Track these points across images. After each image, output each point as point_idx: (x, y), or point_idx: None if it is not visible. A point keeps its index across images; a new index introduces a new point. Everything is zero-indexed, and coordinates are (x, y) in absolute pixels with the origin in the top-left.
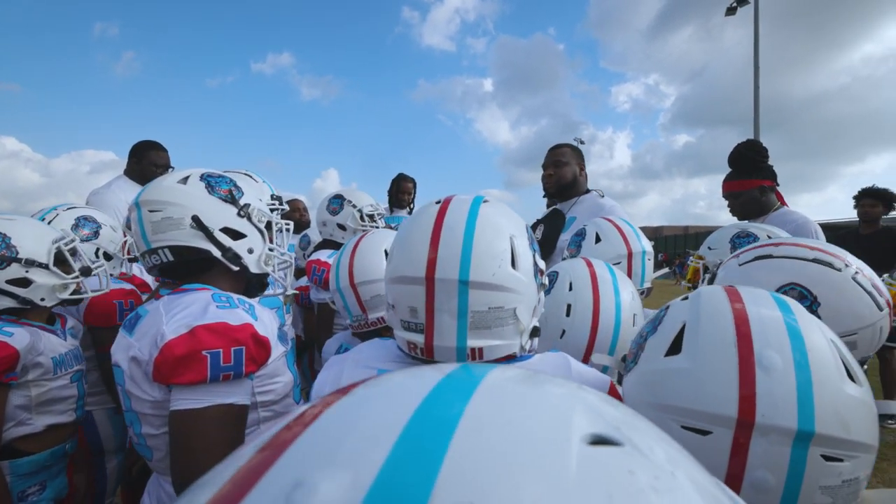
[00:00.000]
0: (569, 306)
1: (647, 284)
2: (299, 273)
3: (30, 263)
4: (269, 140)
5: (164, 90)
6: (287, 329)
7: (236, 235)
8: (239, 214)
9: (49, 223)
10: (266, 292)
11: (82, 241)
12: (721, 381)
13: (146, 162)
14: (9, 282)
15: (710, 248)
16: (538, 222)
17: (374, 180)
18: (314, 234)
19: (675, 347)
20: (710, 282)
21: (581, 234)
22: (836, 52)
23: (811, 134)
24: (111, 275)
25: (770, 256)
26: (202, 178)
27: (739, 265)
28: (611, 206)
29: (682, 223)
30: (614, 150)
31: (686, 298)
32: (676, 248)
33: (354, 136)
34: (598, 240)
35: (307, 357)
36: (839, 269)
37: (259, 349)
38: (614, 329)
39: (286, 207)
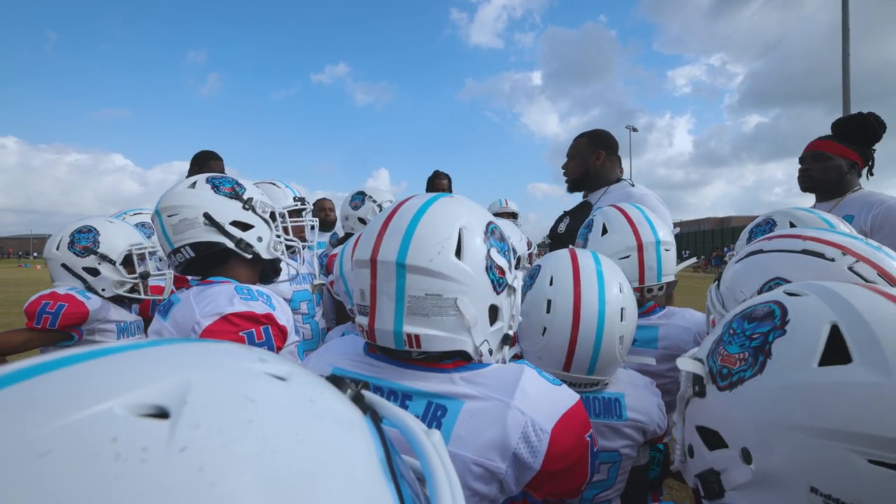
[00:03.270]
0: (549, 302)
1: (669, 278)
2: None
3: (103, 258)
4: (325, 144)
5: (237, 105)
6: (318, 320)
7: (245, 227)
8: (244, 207)
9: None
10: (294, 285)
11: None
12: None
13: (206, 170)
14: (84, 268)
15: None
16: (565, 214)
17: (422, 178)
18: (342, 233)
19: (832, 353)
20: (717, 284)
21: (589, 226)
22: None
23: None
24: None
25: (760, 252)
26: (208, 180)
27: (735, 262)
28: (641, 196)
29: (755, 213)
30: (673, 137)
31: (793, 294)
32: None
33: (404, 136)
34: (605, 231)
35: None
36: (832, 259)
37: (279, 333)
38: (598, 324)
39: (309, 207)
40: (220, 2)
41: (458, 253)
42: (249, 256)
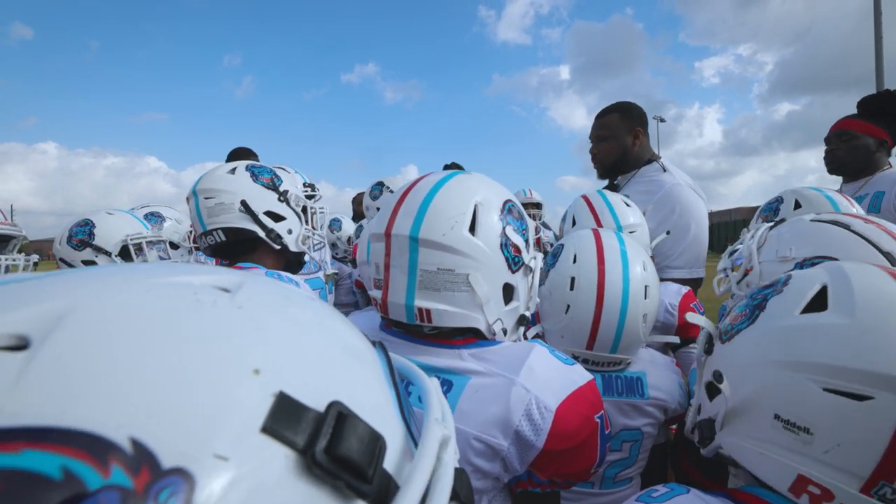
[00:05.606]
0: (572, 279)
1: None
2: (356, 263)
3: (98, 250)
4: (354, 141)
5: (270, 106)
6: None
7: (277, 218)
8: (279, 199)
9: None
10: (310, 273)
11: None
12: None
13: None
14: (83, 262)
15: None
16: None
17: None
18: (368, 225)
19: (814, 306)
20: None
21: (564, 218)
22: None
23: None
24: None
25: (836, 223)
26: (247, 168)
27: (811, 220)
28: (671, 186)
29: None
30: (703, 127)
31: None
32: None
33: (432, 133)
34: (574, 222)
35: None
36: None
37: None
38: (622, 302)
39: (319, 193)
40: (255, 7)
41: (472, 229)
42: (278, 247)
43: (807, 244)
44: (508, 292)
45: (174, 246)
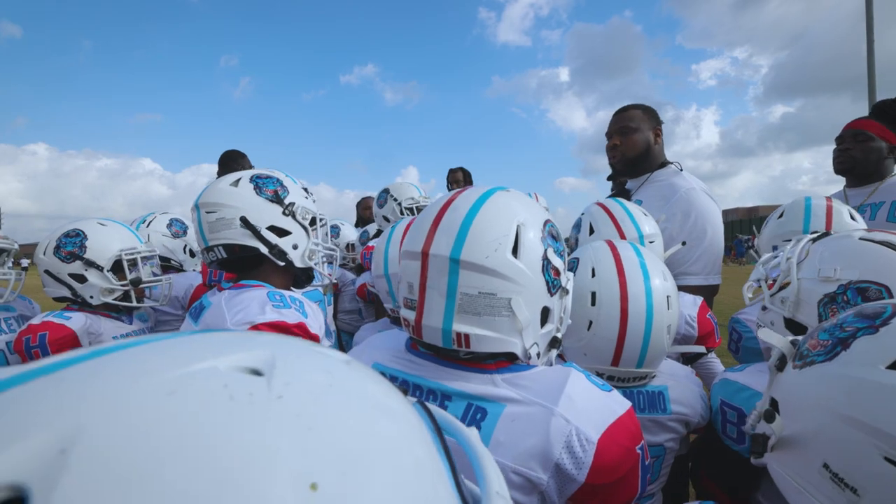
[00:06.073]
0: (593, 294)
1: None
2: (361, 269)
3: (89, 263)
4: (354, 143)
5: (268, 108)
6: (329, 321)
7: (282, 233)
8: (284, 213)
9: (148, 224)
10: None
11: (175, 237)
12: None
13: (232, 169)
14: (70, 275)
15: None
16: None
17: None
18: (373, 230)
19: None
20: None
21: (577, 226)
22: None
23: None
24: (195, 269)
25: (890, 245)
26: (251, 179)
27: (860, 238)
28: (687, 190)
29: (782, 202)
30: (700, 129)
31: None
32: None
33: (432, 134)
34: (591, 231)
35: None
36: None
37: None
38: (646, 315)
39: (313, 197)
40: (253, 7)
41: (515, 251)
42: (282, 264)
43: (854, 266)
44: (545, 315)
45: (193, 254)
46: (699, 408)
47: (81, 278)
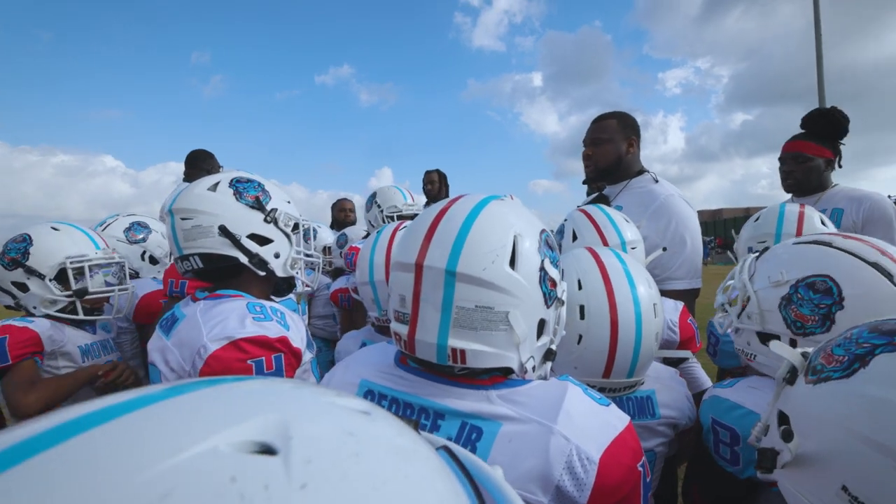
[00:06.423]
0: (582, 308)
1: None
2: (337, 273)
3: (30, 271)
4: (328, 144)
5: (240, 106)
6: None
7: (263, 241)
8: (265, 220)
9: (105, 228)
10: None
11: (131, 243)
12: None
13: (200, 170)
14: (13, 283)
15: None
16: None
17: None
18: (352, 234)
19: None
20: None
21: (561, 232)
22: None
23: (888, 102)
24: (155, 277)
25: (829, 245)
26: (231, 184)
27: (794, 243)
28: (666, 197)
29: (744, 204)
30: (667, 134)
31: None
32: (736, 231)
33: (408, 136)
34: (574, 237)
35: None
36: None
37: (293, 357)
38: (636, 325)
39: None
40: (227, 3)
41: (513, 263)
42: (263, 274)
43: (796, 265)
44: (540, 327)
45: (154, 261)
46: (686, 409)
47: (23, 287)
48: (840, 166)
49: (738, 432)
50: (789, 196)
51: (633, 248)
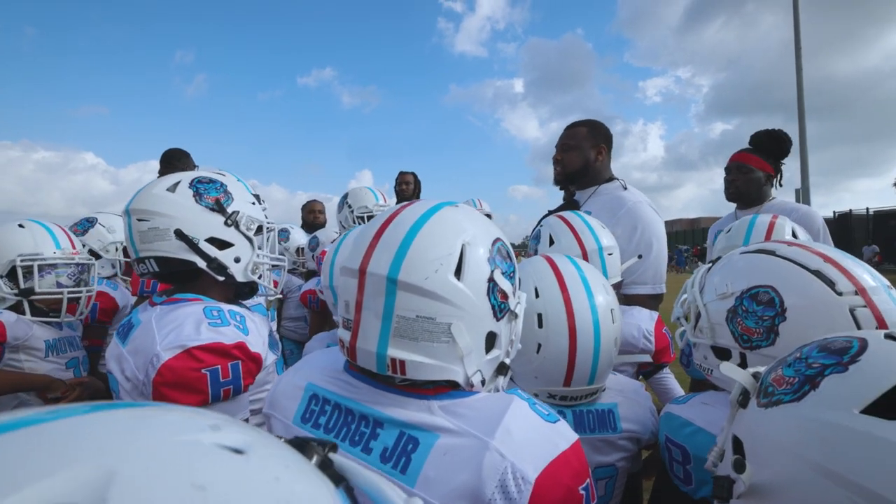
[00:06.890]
0: (539, 316)
1: (615, 279)
2: (309, 275)
3: None
4: (310, 145)
5: (222, 105)
6: (273, 334)
7: (223, 245)
8: (226, 223)
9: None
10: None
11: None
12: None
13: (174, 168)
14: None
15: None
16: (550, 213)
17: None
18: (323, 236)
19: (881, 407)
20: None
21: (537, 237)
22: (887, 26)
23: (866, 115)
24: (98, 274)
25: (773, 253)
26: (192, 184)
27: (740, 253)
28: (633, 204)
29: (722, 214)
30: (647, 142)
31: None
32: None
33: (389, 139)
34: (551, 242)
35: None
36: (839, 293)
37: (252, 363)
38: (594, 331)
39: (265, 205)
40: (212, 3)
41: (459, 272)
42: (221, 279)
43: (740, 277)
44: (491, 340)
45: (95, 255)
46: (649, 424)
47: None
48: (780, 185)
49: (689, 450)
50: (734, 207)
51: (609, 255)
